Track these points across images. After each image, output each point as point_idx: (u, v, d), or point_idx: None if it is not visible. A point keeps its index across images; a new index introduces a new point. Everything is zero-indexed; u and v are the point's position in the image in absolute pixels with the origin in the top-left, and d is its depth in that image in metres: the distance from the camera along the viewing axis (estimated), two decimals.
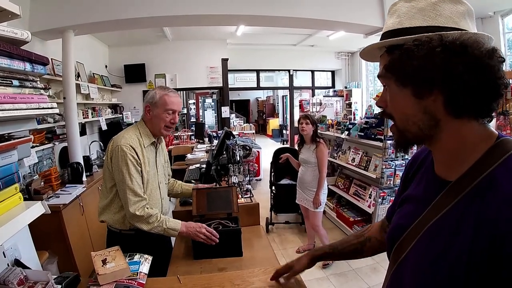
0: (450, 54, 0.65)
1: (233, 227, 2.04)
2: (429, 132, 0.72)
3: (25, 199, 1.28)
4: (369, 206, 4.08)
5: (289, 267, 1.31)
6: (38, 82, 1.28)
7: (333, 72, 10.28)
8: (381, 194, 3.90)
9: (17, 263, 1.43)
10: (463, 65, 0.64)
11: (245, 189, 2.84)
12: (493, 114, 0.70)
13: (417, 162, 0.94)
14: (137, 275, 1.42)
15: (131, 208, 1.77)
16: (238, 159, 3.00)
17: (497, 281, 0.59)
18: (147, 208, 1.83)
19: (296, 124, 9.90)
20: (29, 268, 1.38)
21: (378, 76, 0.80)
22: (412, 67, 0.69)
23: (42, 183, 3.21)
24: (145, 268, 1.50)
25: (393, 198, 3.87)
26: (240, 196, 2.66)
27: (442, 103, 0.68)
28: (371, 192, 4.15)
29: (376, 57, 0.84)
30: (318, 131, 3.77)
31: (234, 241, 1.95)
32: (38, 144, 3.52)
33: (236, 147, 3.11)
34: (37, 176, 3.33)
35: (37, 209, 1.24)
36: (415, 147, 0.89)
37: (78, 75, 4.87)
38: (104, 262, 1.43)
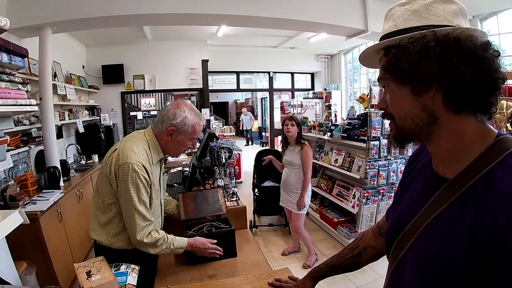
0: (444, 48, 0.66)
1: (226, 228, 2.02)
2: (427, 129, 0.73)
3: (0, 206, 1.18)
4: (353, 207, 4.09)
5: None
6: (16, 76, 1.17)
7: (312, 75, 10.32)
8: (365, 195, 3.91)
9: None
10: (457, 57, 0.66)
11: (231, 192, 2.78)
12: (492, 110, 0.71)
13: (418, 158, 0.95)
14: (125, 287, 1.34)
15: (138, 234, 1.62)
16: (224, 161, 2.94)
17: (495, 279, 0.60)
18: (153, 232, 1.68)
19: (276, 126, 9.97)
20: (7, 283, 1.27)
21: (378, 80, 0.81)
22: (408, 64, 0.70)
23: (18, 188, 3.05)
24: (132, 279, 1.41)
25: (377, 198, 3.93)
26: (226, 199, 2.60)
27: (440, 98, 0.70)
28: (354, 192, 4.17)
29: (374, 62, 0.86)
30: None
31: (229, 242, 1.94)
32: (13, 148, 3.34)
33: (222, 149, 3.04)
34: (13, 181, 3.16)
35: (15, 219, 1.15)
36: (410, 150, 0.88)
37: (54, 75, 4.67)
38: (88, 274, 1.33)
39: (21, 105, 1.12)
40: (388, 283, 0.89)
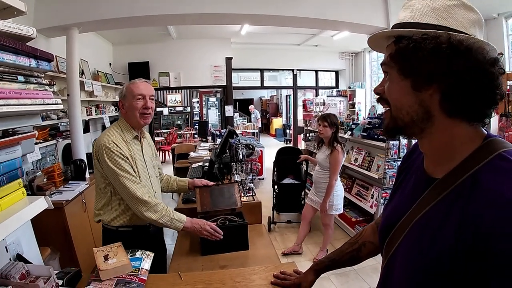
0: (455, 53, 0.67)
1: (240, 221, 2.10)
2: (421, 125, 0.75)
3: (27, 196, 1.28)
4: (371, 207, 4.07)
5: (297, 284, 1.34)
6: (43, 78, 1.28)
7: (337, 72, 10.24)
8: (383, 195, 3.88)
9: (19, 258, 1.44)
10: (465, 65, 0.66)
11: (247, 187, 2.85)
12: (486, 120, 0.72)
13: (411, 157, 0.96)
14: (138, 271, 1.43)
15: (137, 193, 1.77)
16: (241, 157, 3.01)
17: (481, 279, 0.61)
18: (152, 196, 1.86)
19: (299, 124, 9.96)
20: (31, 263, 1.39)
21: (382, 64, 0.82)
22: (416, 58, 0.70)
23: (45, 179, 3.22)
24: (146, 264, 1.50)
25: None
26: (242, 194, 2.67)
27: (438, 99, 0.70)
28: (373, 192, 4.14)
29: (381, 47, 0.86)
30: None
31: (241, 235, 2.03)
32: (41, 141, 3.54)
33: (239, 145, 3.11)
34: (40, 172, 3.34)
35: (40, 204, 1.25)
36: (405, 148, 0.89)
37: (82, 73, 4.89)
38: (106, 258, 1.43)
39: (48, 104, 1.23)
40: (381, 278, 0.91)
